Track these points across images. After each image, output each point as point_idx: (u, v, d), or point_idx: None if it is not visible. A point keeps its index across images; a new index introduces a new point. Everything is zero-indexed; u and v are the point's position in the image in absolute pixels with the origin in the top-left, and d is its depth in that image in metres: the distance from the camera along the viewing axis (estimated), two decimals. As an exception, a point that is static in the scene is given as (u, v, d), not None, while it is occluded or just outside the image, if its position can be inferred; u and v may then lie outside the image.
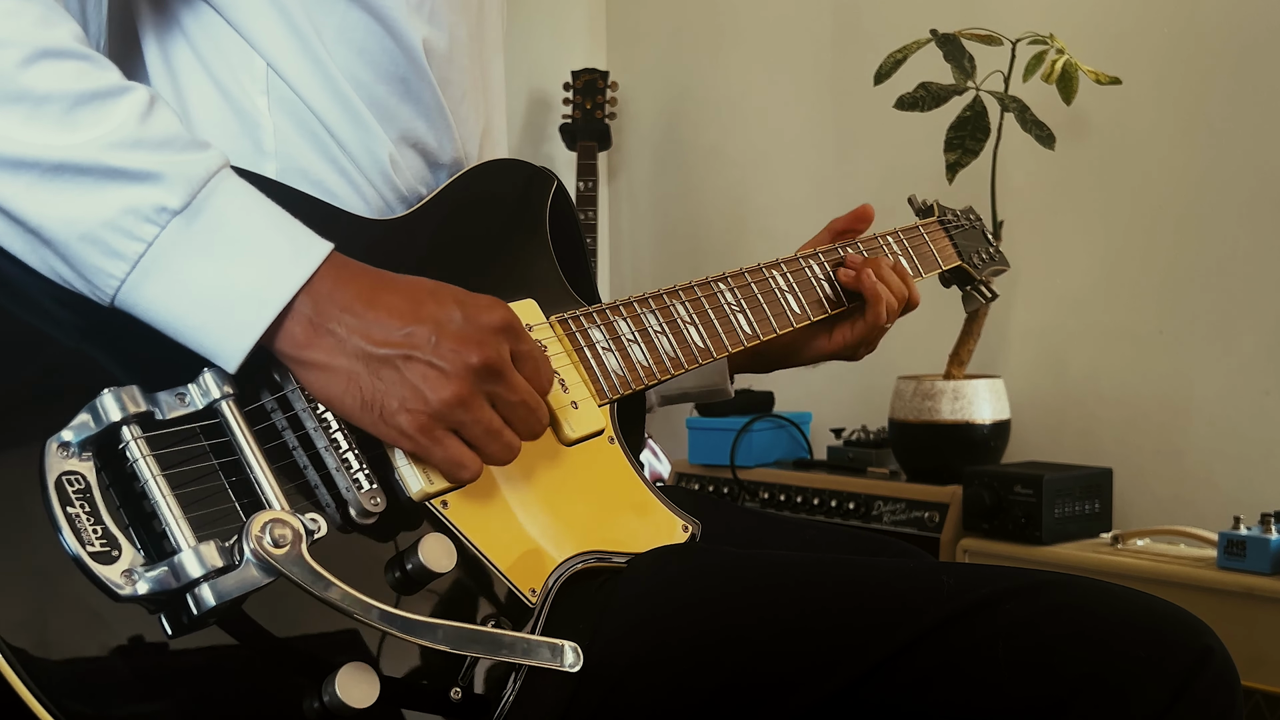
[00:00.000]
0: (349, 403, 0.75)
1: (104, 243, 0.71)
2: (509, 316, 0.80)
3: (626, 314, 0.98)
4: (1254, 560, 1.60)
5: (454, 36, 0.96)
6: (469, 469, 0.78)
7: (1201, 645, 0.79)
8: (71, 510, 0.68)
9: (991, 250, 1.38)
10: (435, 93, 0.95)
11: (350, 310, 0.75)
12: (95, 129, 0.72)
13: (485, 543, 0.82)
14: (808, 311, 1.13)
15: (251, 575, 0.69)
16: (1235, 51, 2.02)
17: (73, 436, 0.70)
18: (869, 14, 2.57)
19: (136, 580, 0.68)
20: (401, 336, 0.76)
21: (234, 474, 0.75)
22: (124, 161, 0.72)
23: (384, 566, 0.78)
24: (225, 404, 0.74)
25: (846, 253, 1.18)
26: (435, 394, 0.75)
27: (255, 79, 0.90)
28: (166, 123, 0.75)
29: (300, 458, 0.77)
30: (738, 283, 1.07)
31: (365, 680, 0.71)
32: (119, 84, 0.75)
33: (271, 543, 0.69)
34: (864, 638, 0.82)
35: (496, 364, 0.78)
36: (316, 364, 0.75)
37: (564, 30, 3.13)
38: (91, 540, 0.68)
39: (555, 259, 1.00)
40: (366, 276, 0.78)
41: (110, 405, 0.71)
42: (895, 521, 2.02)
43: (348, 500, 0.77)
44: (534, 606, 0.82)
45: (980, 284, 1.35)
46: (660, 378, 0.98)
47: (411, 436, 0.76)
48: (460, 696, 0.77)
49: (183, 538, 0.69)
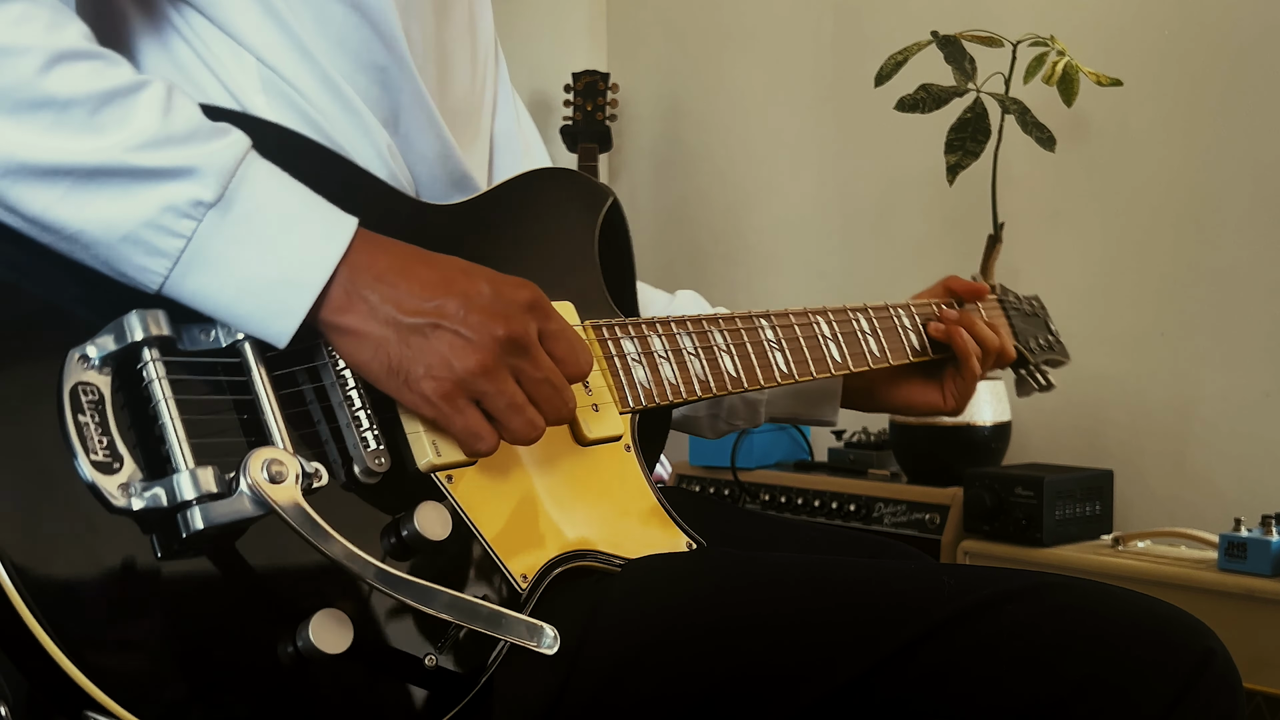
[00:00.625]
0: (375, 367, 0.77)
1: (146, 242, 0.73)
2: (537, 295, 0.82)
3: (663, 331, 0.99)
4: (1255, 562, 1.60)
5: (427, 20, 0.96)
6: (485, 441, 0.79)
7: (1203, 647, 0.79)
8: (82, 419, 0.70)
9: (1051, 339, 1.38)
10: (414, 80, 0.94)
11: (384, 279, 0.77)
12: (122, 130, 0.73)
13: (484, 523, 0.83)
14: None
15: (243, 506, 0.71)
16: (1235, 53, 2.03)
17: (95, 351, 0.72)
18: (869, 16, 2.57)
19: (132, 495, 0.70)
20: (432, 307, 0.78)
21: (246, 412, 0.76)
22: (156, 160, 0.73)
23: (380, 529, 0.79)
24: (248, 345, 0.76)
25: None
26: (460, 362, 0.77)
27: (249, 77, 0.90)
28: (188, 113, 0.76)
29: (314, 409, 0.79)
30: (781, 322, 1.08)
31: (340, 628, 0.72)
32: (135, 79, 0.75)
33: (268, 478, 0.71)
34: (865, 637, 0.82)
35: (522, 338, 0.80)
36: (349, 329, 0.77)
37: (564, 32, 3.13)
38: (96, 449, 0.70)
39: (600, 271, 1.00)
40: (399, 248, 0.80)
41: (135, 325, 0.72)
42: (896, 523, 2.02)
43: (353, 457, 0.78)
44: (522, 592, 0.82)
45: (1035, 369, 1.34)
46: (686, 398, 0.99)
47: (434, 403, 0.78)
48: (434, 665, 0.77)
49: (182, 459, 0.71)
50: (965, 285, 1.27)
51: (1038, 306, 1.40)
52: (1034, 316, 1.37)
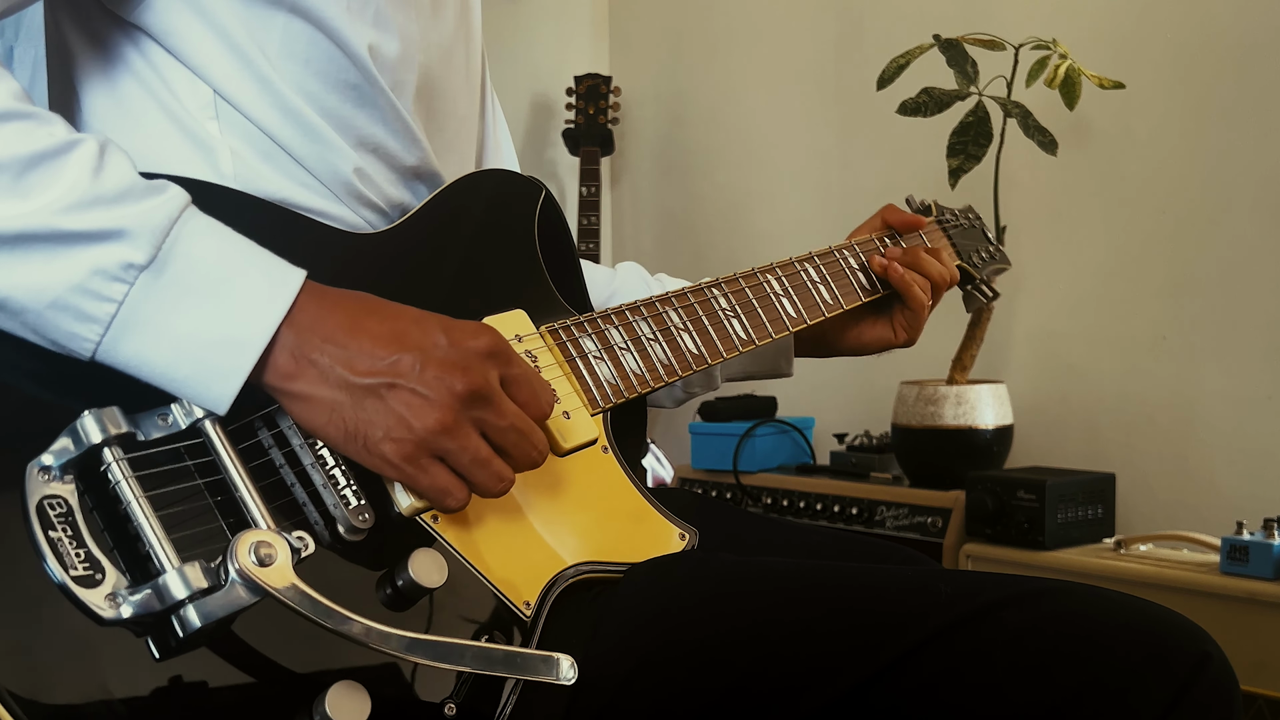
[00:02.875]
0: (332, 432, 0.74)
1: (74, 308, 0.70)
2: (497, 341, 0.79)
3: (619, 322, 0.98)
4: (1257, 565, 1.60)
5: (405, 38, 0.94)
6: (455, 498, 0.77)
7: (1200, 650, 0.79)
8: (54, 534, 0.67)
9: (992, 249, 1.38)
10: (389, 97, 0.93)
11: (333, 340, 0.74)
12: (49, 192, 0.70)
13: (477, 556, 0.81)
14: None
15: (237, 595, 0.68)
16: (1238, 55, 2.02)
17: (53, 460, 0.69)
18: (871, 19, 2.57)
19: (120, 604, 0.67)
20: (385, 365, 0.74)
21: (219, 493, 0.74)
22: (83, 224, 0.70)
23: (374, 584, 0.77)
24: (209, 423, 0.74)
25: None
26: (419, 422, 0.74)
27: (203, 105, 0.88)
28: (121, 173, 0.73)
29: (286, 475, 0.77)
30: (732, 288, 1.07)
31: (356, 698, 0.70)
32: (66, 139, 0.73)
33: (256, 562, 0.68)
34: (863, 645, 0.82)
35: (483, 390, 0.76)
36: (300, 395, 0.74)
37: (567, 35, 3.13)
38: (74, 564, 0.67)
39: (545, 269, 0.98)
40: (348, 303, 0.76)
41: (91, 427, 0.70)
42: (898, 527, 2.02)
43: (335, 517, 0.76)
44: (528, 619, 0.81)
45: (981, 283, 1.35)
46: (654, 385, 0.98)
47: (397, 465, 0.75)
48: (455, 713, 0.76)
49: (166, 559, 0.68)
50: (901, 219, 1.27)
51: (974, 218, 1.39)
52: (972, 229, 1.37)
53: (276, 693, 0.71)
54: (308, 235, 0.87)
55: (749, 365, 1.26)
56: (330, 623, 0.69)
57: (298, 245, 0.79)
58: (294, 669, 0.72)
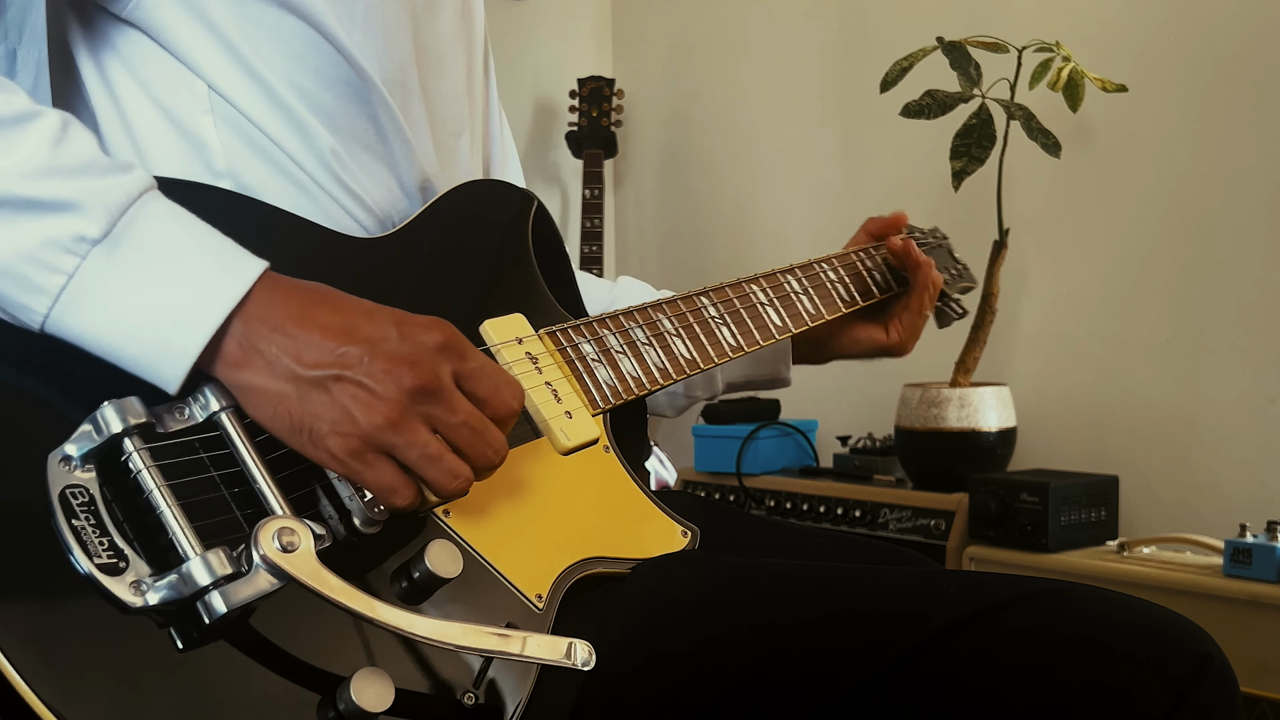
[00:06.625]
0: (278, 425, 0.73)
1: (23, 277, 0.69)
2: (450, 336, 0.77)
3: (614, 327, 0.99)
4: (1260, 568, 1.60)
5: (392, 37, 0.94)
6: (401, 495, 0.75)
7: (1201, 652, 0.79)
8: (77, 523, 0.68)
9: (959, 268, 1.42)
10: (381, 94, 0.93)
11: (281, 330, 0.73)
12: (5, 159, 0.70)
13: (489, 550, 0.82)
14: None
15: (262, 582, 0.68)
16: (1242, 58, 2.02)
17: (75, 450, 0.70)
18: (875, 22, 2.57)
19: (145, 591, 0.67)
20: (333, 357, 0.73)
21: (237, 485, 0.74)
22: (37, 191, 0.69)
23: (389, 576, 0.77)
24: (225, 415, 0.74)
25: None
26: (365, 416, 0.72)
27: (197, 99, 0.88)
28: (82, 147, 0.73)
29: (303, 469, 0.77)
30: (719, 297, 1.09)
31: (380, 684, 0.70)
32: (28, 109, 0.72)
33: (280, 548, 0.68)
34: (866, 646, 0.82)
35: (433, 385, 0.74)
36: (247, 386, 0.73)
37: (570, 38, 3.13)
38: (99, 553, 0.67)
39: (541, 277, 1.00)
40: (302, 294, 0.75)
41: (111, 417, 0.70)
42: (901, 529, 2.02)
43: (351, 509, 0.76)
44: (541, 611, 0.82)
45: (951, 301, 1.40)
46: (650, 388, 0.99)
47: (342, 460, 0.73)
48: (474, 702, 0.76)
49: (190, 546, 0.69)
50: (883, 221, 1.32)
51: (941, 238, 1.43)
52: (939, 248, 1.41)
53: (300, 680, 0.71)
54: (305, 238, 0.87)
55: (749, 370, 1.28)
56: (357, 607, 0.69)
57: (296, 248, 0.79)
58: (317, 657, 0.72)
